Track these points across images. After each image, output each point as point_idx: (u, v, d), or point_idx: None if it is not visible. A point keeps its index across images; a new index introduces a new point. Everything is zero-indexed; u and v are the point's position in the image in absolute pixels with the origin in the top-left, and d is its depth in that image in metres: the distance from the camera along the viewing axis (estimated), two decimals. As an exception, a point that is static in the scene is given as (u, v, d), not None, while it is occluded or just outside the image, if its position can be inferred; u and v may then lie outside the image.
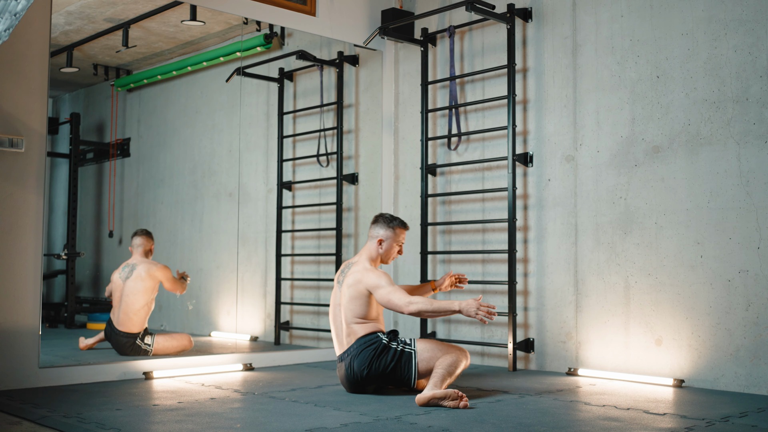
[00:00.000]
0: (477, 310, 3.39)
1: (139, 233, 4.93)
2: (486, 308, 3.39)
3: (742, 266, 3.85)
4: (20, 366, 3.80)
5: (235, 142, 5.47)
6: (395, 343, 3.60)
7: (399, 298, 3.52)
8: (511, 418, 3.14)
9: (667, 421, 3.12)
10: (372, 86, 5.62)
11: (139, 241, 4.89)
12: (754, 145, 3.85)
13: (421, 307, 3.47)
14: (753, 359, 3.79)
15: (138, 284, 4.76)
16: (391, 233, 3.74)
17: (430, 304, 3.48)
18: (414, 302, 3.48)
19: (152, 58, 5.54)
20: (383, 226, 3.75)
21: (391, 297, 3.55)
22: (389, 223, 3.75)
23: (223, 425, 2.97)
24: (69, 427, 2.92)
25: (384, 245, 3.74)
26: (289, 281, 5.60)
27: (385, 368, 3.57)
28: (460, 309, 3.43)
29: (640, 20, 4.31)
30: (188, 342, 4.83)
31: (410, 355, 3.56)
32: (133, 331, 4.70)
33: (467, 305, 3.41)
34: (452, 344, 3.63)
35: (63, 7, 4.66)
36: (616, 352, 4.29)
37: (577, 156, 4.56)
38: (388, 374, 3.58)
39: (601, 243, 4.40)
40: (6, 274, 3.81)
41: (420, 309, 3.47)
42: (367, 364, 3.57)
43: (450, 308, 3.46)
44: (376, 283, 3.61)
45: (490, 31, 5.04)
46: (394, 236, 3.75)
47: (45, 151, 3.95)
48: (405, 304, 3.49)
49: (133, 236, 4.93)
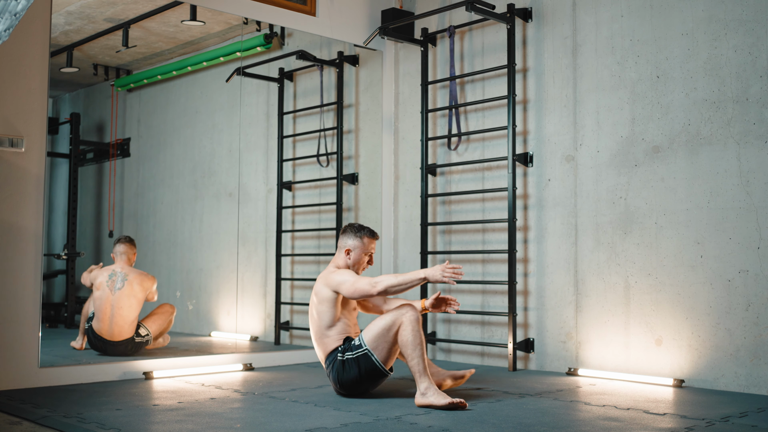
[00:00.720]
0: (442, 273, 3.35)
1: (123, 240, 4.81)
2: (451, 269, 3.35)
3: (742, 266, 3.85)
4: (20, 366, 3.80)
5: (235, 142, 5.46)
6: (349, 352, 3.54)
7: (365, 283, 3.48)
8: (511, 418, 3.14)
9: (667, 421, 3.12)
10: (372, 86, 5.62)
11: (124, 248, 4.77)
12: (754, 145, 3.85)
13: (387, 283, 3.42)
14: (753, 359, 3.79)
15: (132, 299, 4.68)
16: (358, 242, 3.70)
17: (395, 277, 3.43)
18: (379, 281, 3.44)
19: (152, 58, 5.54)
20: (351, 236, 3.71)
21: (357, 285, 3.50)
22: (357, 232, 3.71)
23: (223, 425, 2.97)
24: (69, 427, 2.92)
25: (352, 255, 3.69)
26: (289, 281, 5.60)
27: (355, 378, 3.54)
28: (426, 276, 3.39)
29: (640, 20, 4.31)
30: (171, 308, 4.85)
31: (366, 355, 3.50)
32: (129, 336, 4.67)
33: (433, 271, 3.38)
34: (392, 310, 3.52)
35: (63, 7, 4.66)
36: (616, 352, 4.29)
37: (577, 156, 4.56)
38: (360, 381, 3.54)
39: (601, 243, 4.40)
40: (6, 274, 3.81)
41: (386, 286, 3.42)
42: (339, 383, 3.58)
43: (417, 277, 3.41)
44: (341, 279, 3.57)
45: (490, 31, 5.04)
46: (362, 246, 3.70)
47: (45, 151, 3.95)
48: (371, 286, 3.44)
49: (116, 243, 4.82)
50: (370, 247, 3.72)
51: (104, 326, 4.63)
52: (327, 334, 3.63)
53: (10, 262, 3.82)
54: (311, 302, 3.70)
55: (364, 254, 3.71)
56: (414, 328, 3.41)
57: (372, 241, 3.73)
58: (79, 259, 5.33)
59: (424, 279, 3.40)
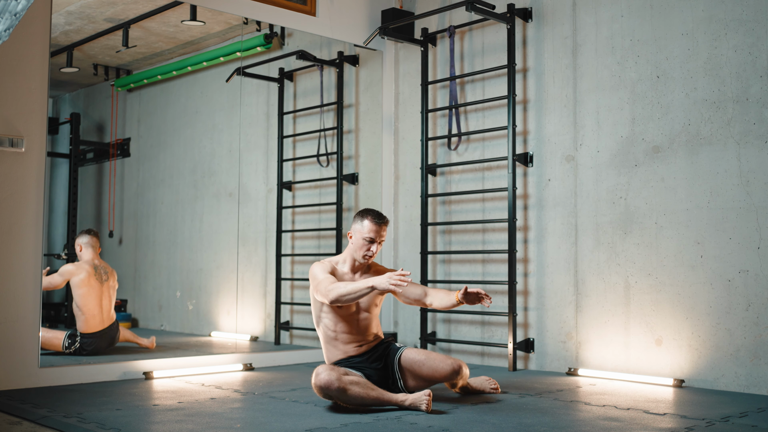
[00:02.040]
0: (389, 280, 3.10)
1: (92, 233, 4.87)
2: (399, 276, 3.10)
3: (742, 266, 3.85)
4: (20, 366, 3.80)
5: (235, 142, 5.46)
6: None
7: (324, 287, 3.25)
8: (511, 418, 3.14)
9: (667, 421, 3.12)
10: (372, 86, 5.62)
11: (93, 241, 4.84)
12: (754, 145, 3.85)
13: (338, 292, 3.20)
14: (753, 359, 3.79)
15: (113, 286, 4.85)
16: (358, 226, 3.45)
17: (346, 287, 3.20)
18: (332, 288, 3.22)
19: (152, 58, 5.54)
20: (356, 219, 3.48)
21: (319, 288, 3.28)
22: (361, 215, 3.46)
23: (223, 425, 2.97)
24: (69, 427, 2.92)
25: (353, 239, 3.46)
26: (289, 281, 5.60)
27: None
28: (374, 285, 3.14)
29: (640, 20, 4.31)
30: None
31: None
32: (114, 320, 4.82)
33: (380, 280, 3.13)
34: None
35: (63, 7, 4.66)
36: (616, 352, 4.29)
37: (577, 156, 4.56)
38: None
39: (601, 243, 4.40)
40: (6, 274, 3.81)
41: (337, 295, 3.20)
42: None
43: (365, 286, 3.16)
44: (313, 274, 3.37)
45: (490, 31, 5.04)
46: (360, 229, 3.43)
47: (45, 151, 3.95)
48: (326, 293, 3.23)
49: (83, 234, 4.86)
50: (370, 232, 3.42)
51: (97, 316, 4.71)
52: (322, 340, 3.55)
53: (10, 262, 3.82)
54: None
55: (362, 239, 3.43)
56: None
57: (374, 225, 3.42)
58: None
59: (372, 288, 3.15)
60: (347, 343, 3.51)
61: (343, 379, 3.21)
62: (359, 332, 3.52)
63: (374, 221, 3.43)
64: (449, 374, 3.47)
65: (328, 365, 3.33)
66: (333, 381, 3.19)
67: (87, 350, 4.65)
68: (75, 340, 4.63)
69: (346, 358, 3.50)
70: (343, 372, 3.28)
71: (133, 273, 5.68)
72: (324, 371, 3.22)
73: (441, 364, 3.47)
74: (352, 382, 3.23)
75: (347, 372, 3.33)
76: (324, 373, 3.21)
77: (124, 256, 5.66)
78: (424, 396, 3.26)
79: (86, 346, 4.65)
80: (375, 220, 3.43)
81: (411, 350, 3.53)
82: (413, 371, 3.48)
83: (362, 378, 3.34)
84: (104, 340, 4.73)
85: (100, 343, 4.69)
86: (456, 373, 3.47)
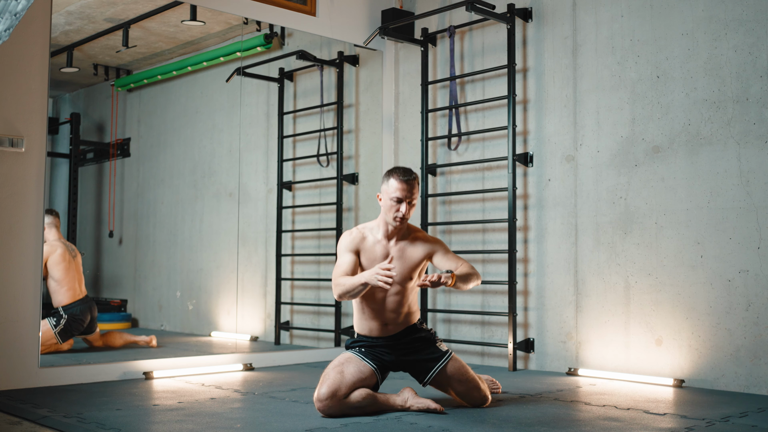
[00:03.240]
0: (376, 276, 2.95)
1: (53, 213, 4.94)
2: (384, 273, 2.94)
3: (742, 266, 3.85)
4: (20, 366, 3.80)
5: (235, 142, 5.46)
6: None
7: (335, 278, 3.15)
8: (511, 418, 3.14)
9: (667, 421, 3.12)
10: (372, 86, 5.62)
11: (55, 221, 4.89)
12: (754, 145, 3.85)
13: (340, 289, 3.10)
14: (753, 359, 3.79)
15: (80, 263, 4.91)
16: (384, 186, 3.22)
17: (345, 283, 3.09)
18: (338, 284, 3.12)
19: (152, 58, 5.54)
20: (383, 179, 3.24)
21: (334, 272, 3.18)
22: (388, 174, 3.22)
23: (223, 425, 2.97)
24: (69, 427, 2.92)
25: (382, 201, 3.23)
26: (290, 281, 5.60)
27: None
28: (366, 280, 3.00)
29: (640, 20, 4.31)
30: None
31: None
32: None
33: (369, 274, 2.99)
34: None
35: (63, 7, 4.66)
36: (616, 352, 4.29)
37: (577, 156, 4.56)
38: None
39: (601, 243, 4.40)
40: (6, 274, 3.81)
41: (339, 292, 3.11)
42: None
43: (358, 282, 3.04)
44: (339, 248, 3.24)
45: (491, 31, 5.04)
46: (387, 189, 3.19)
47: (45, 151, 3.95)
48: (334, 287, 3.14)
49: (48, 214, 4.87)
50: (397, 191, 3.16)
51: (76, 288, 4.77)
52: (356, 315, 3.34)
53: (10, 262, 3.82)
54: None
55: (389, 199, 3.17)
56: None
57: (401, 183, 3.16)
58: (79, 259, 5.32)
59: (365, 285, 3.03)
60: (372, 319, 3.28)
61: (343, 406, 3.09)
62: (387, 310, 3.27)
63: (400, 178, 3.17)
64: (475, 405, 3.33)
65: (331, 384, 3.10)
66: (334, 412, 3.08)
67: (75, 322, 4.67)
68: (60, 315, 4.65)
69: (370, 337, 3.29)
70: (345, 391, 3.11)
71: (133, 273, 5.68)
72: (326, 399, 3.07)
73: (474, 392, 3.30)
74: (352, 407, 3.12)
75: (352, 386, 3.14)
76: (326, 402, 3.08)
77: (124, 256, 5.66)
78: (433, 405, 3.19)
79: (73, 317, 4.67)
80: (401, 177, 3.17)
81: (456, 360, 3.32)
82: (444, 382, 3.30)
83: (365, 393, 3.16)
84: (87, 309, 4.77)
85: (84, 311, 4.73)
86: (479, 406, 3.33)
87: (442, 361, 3.29)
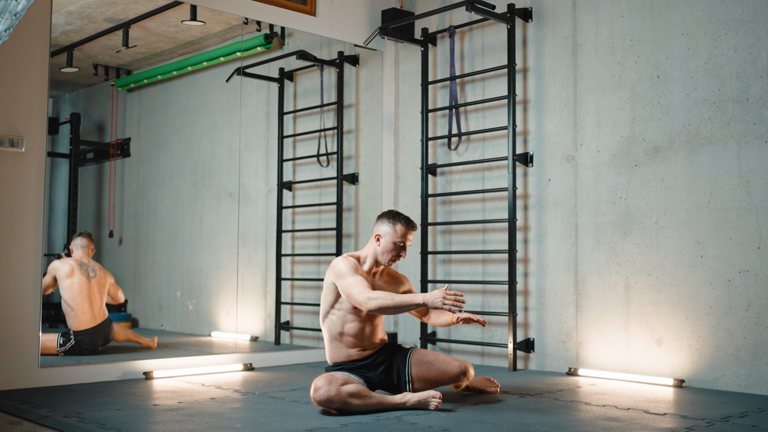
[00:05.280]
0: (443, 300, 3.06)
1: (84, 235, 4.96)
2: (453, 297, 3.07)
3: (742, 266, 3.85)
4: (20, 366, 3.80)
5: (235, 142, 5.47)
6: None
7: (359, 292, 3.20)
8: (511, 418, 3.14)
9: (668, 421, 3.12)
10: (372, 86, 5.62)
11: (86, 242, 4.92)
12: (754, 145, 3.85)
13: (382, 303, 3.15)
14: (753, 359, 3.79)
15: (103, 283, 4.89)
16: (390, 230, 3.37)
17: (392, 298, 3.16)
18: (374, 297, 3.17)
19: (152, 58, 5.54)
20: (385, 221, 3.39)
21: (351, 290, 3.22)
22: (392, 218, 3.38)
23: (223, 425, 2.97)
24: (69, 427, 2.92)
25: (381, 242, 3.38)
26: (290, 281, 5.60)
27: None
28: (425, 301, 3.10)
29: (640, 20, 4.31)
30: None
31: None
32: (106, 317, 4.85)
33: (432, 297, 3.09)
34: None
35: (63, 7, 4.66)
36: (616, 352, 4.29)
37: (577, 156, 4.56)
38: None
39: (602, 243, 4.40)
40: (6, 274, 3.81)
41: (380, 305, 3.15)
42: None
43: (414, 302, 3.13)
44: (340, 271, 3.28)
45: (491, 31, 5.04)
46: (394, 233, 3.36)
47: (45, 151, 3.95)
48: (365, 300, 3.18)
49: (77, 237, 4.95)
50: (401, 237, 3.37)
51: (87, 313, 4.74)
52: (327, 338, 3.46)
53: (10, 262, 3.82)
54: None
55: (394, 243, 3.36)
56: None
57: (407, 231, 3.38)
58: (79, 259, 5.32)
59: (422, 304, 3.13)
60: (351, 347, 3.41)
61: (342, 393, 3.16)
62: (365, 337, 3.43)
63: (409, 227, 3.38)
64: (457, 375, 3.47)
65: (325, 376, 3.23)
66: (332, 397, 3.14)
67: (82, 348, 4.66)
68: (69, 338, 4.64)
69: (349, 361, 3.42)
70: (342, 381, 3.22)
71: (133, 273, 5.69)
72: (323, 386, 3.16)
73: (449, 366, 3.47)
74: (351, 394, 3.18)
75: (346, 380, 3.25)
76: (323, 389, 3.15)
77: (124, 256, 5.67)
78: (433, 397, 3.26)
79: (81, 343, 4.65)
80: (409, 226, 3.39)
81: (420, 351, 3.52)
82: (421, 372, 3.45)
83: (361, 386, 3.26)
84: (98, 337, 4.75)
85: (94, 339, 4.70)
86: (463, 374, 3.48)
87: (408, 353, 3.51)
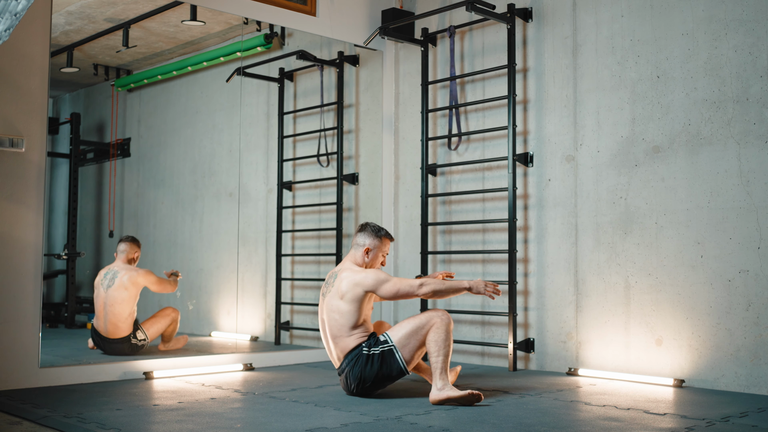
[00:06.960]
0: (485, 287, 3.57)
1: (125, 239, 4.86)
2: (493, 286, 3.59)
3: (742, 266, 3.85)
4: (20, 366, 3.80)
5: (235, 142, 5.46)
6: (376, 347, 3.56)
7: (409, 285, 3.60)
8: (511, 418, 3.14)
9: (668, 421, 3.12)
10: (372, 86, 5.62)
11: (124, 247, 4.81)
12: (754, 145, 3.85)
13: (434, 287, 3.57)
14: (753, 359, 3.79)
15: (122, 293, 4.68)
16: (378, 243, 3.75)
17: (441, 284, 3.59)
18: (426, 284, 3.58)
19: (152, 58, 5.54)
20: (371, 235, 3.74)
21: (400, 286, 3.60)
22: (377, 232, 3.76)
23: (223, 425, 2.97)
24: (69, 427, 2.92)
25: (371, 254, 3.73)
26: (290, 281, 5.60)
27: (376, 374, 3.54)
28: (470, 287, 3.57)
29: (640, 20, 4.31)
30: (172, 311, 4.87)
31: (391, 351, 3.54)
32: (124, 335, 4.68)
33: (476, 284, 3.58)
34: (424, 312, 3.62)
35: (63, 7, 4.66)
36: (616, 352, 4.29)
37: (577, 156, 4.56)
38: (381, 378, 3.56)
39: (602, 243, 4.40)
40: (6, 274, 3.81)
41: (433, 289, 3.57)
42: (359, 378, 3.56)
43: (460, 286, 3.59)
44: (377, 279, 3.60)
45: (491, 31, 5.04)
46: (381, 246, 3.76)
47: (45, 151, 3.95)
48: (417, 287, 3.57)
49: (119, 242, 4.88)
50: (386, 248, 3.81)
51: (101, 323, 4.69)
52: (351, 333, 3.60)
53: (10, 262, 3.82)
54: (329, 303, 3.64)
55: (380, 254, 3.77)
56: (447, 330, 3.51)
57: (389, 242, 3.82)
58: (79, 259, 5.33)
59: (468, 289, 3.58)
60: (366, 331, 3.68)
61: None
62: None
63: (390, 238, 3.83)
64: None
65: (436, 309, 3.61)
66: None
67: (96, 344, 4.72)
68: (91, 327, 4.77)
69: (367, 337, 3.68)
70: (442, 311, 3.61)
71: (133, 273, 5.67)
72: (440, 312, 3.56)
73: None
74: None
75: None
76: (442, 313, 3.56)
77: (124, 256, 5.65)
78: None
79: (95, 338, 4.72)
80: (390, 237, 3.83)
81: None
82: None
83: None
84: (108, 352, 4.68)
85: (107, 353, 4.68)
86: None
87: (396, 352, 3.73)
